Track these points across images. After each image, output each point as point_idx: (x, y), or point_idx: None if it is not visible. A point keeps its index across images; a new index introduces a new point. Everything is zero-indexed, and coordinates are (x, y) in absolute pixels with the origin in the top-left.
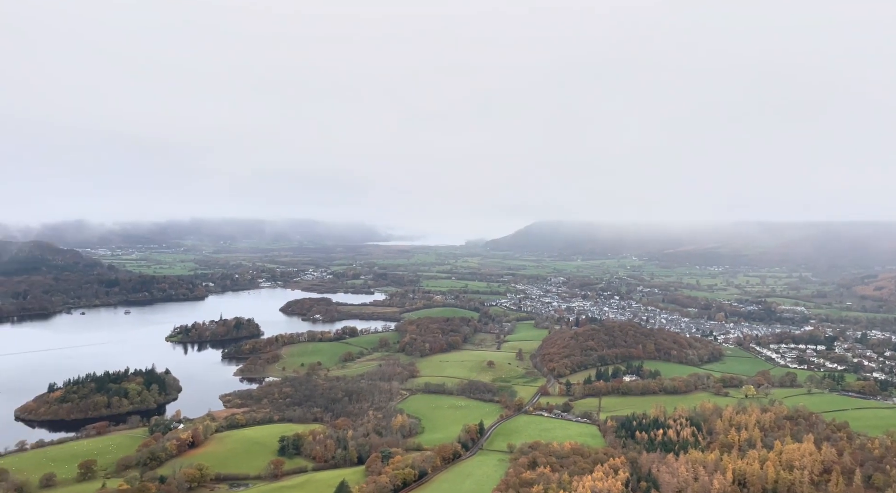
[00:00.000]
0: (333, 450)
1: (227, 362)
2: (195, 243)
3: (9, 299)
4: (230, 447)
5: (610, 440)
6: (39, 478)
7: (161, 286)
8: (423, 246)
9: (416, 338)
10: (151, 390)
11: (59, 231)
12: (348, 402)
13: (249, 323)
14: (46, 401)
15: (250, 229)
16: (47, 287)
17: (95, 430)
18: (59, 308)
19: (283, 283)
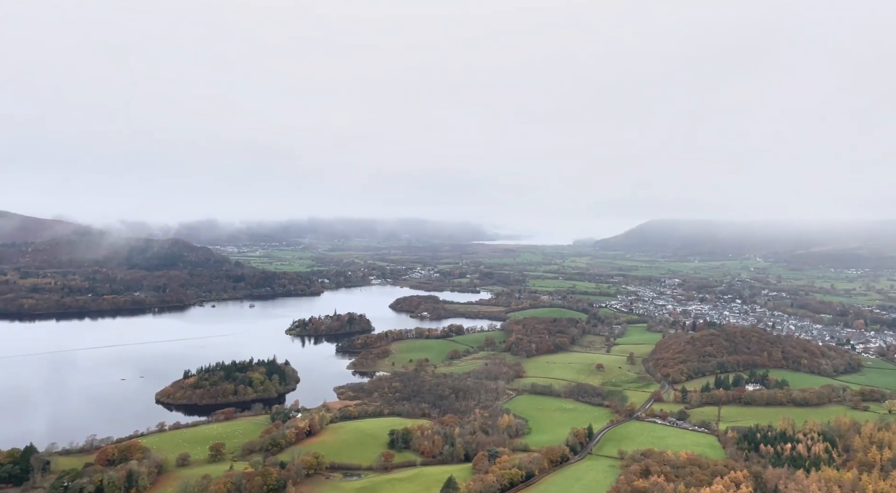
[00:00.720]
0: (441, 446)
1: (341, 355)
2: (312, 242)
3: (151, 291)
4: (343, 437)
5: (731, 452)
6: (176, 457)
7: (281, 282)
8: (529, 245)
9: (523, 338)
10: (273, 380)
11: (193, 230)
12: (455, 399)
13: (361, 319)
14: (182, 387)
15: (363, 229)
16: (183, 281)
17: (224, 415)
18: (193, 301)
19: (392, 280)
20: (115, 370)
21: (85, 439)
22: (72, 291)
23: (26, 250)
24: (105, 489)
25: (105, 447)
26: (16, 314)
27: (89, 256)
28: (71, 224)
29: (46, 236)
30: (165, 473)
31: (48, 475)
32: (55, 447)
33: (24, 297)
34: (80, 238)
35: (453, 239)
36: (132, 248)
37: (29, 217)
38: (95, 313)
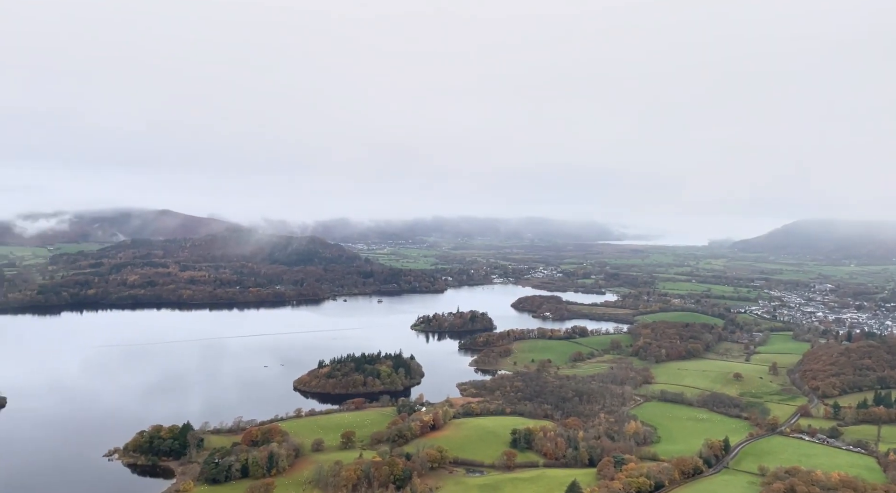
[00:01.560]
0: (564, 449)
1: (463, 352)
2: (437, 240)
3: (290, 285)
4: (466, 433)
5: (892, 476)
6: (311, 442)
7: (407, 279)
8: (659, 246)
9: (651, 342)
10: (399, 374)
11: (328, 228)
12: (578, 402)
13: (483, 317)
14: (316, 376)
15: (486, 227)
16: (318, 276)
17: (354, 405)
18: (327, 295)
19: (514, 279)
20: (258, 358)
21: (233, 420)
22: (223, 283)
23: (185, 245)
24: (250, 468)
25: (249, 428)
26: (176, 303)
27: (237, 251)
28: (223, 222)
29: (202, 233)
30: (302, 456)
31: (202, 451)
32: (208, 425)
33: (183, 288)
34: (231, 235)
35: (578, 239)
36: (274, 244)
37: (189, 216)
38: (242, 304)
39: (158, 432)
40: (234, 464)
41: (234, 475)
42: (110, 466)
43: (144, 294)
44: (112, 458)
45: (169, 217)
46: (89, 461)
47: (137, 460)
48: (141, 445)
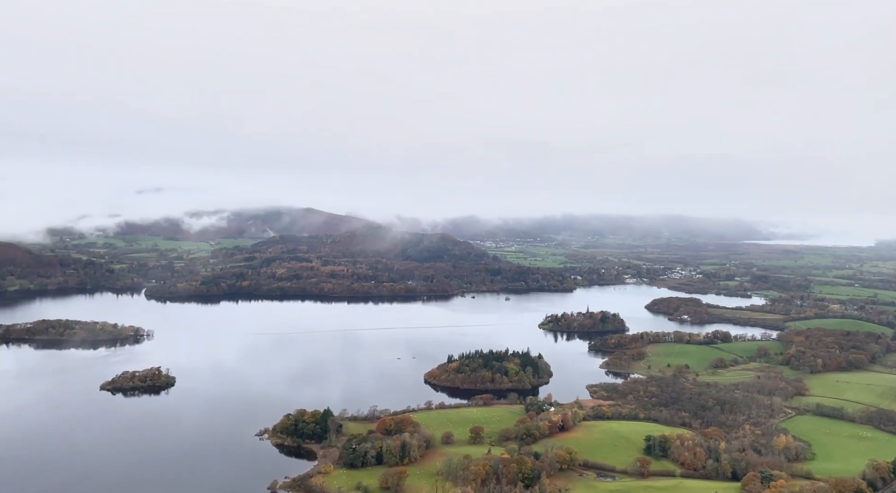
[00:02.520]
0: (703, 459)
1: (593, 353)
2: (566, 238)
3: (421, 281)
4: (596, 436)
5: None
6: (441, 435)
7: (535, 277)
8: (815, 246)
9: (805, 351)
10: (527, 372)
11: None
12: (720, 411)
13: (615, 318)
14: (446, 370)
15: (618, 225)
16: (448, 273)
17: (482, 400)
18: (456, 291)
19: (648, 280)
20: (392, 350)
21: (368, 408)
22: (359, 278)
23: (327, 241)
24: (384, 456)
25: (384, 417)
26: (318, 296)
27: (373, 247)
28: (361, 220)
29: (342, 230)
30: (432, 448)
31: (341, 436)
32: (346, 413)
33: (324, 281)
34: (367, 232)
35: (720, 237)
36: (407, 242)
37: (331, 214)
38: (377, 298)
39: (302, 416)
40: (370, 451)
41: (369, 462)
42: (261, 445)
43: (290, 287)
44: (262, 437)
45: (313, 215)
46: (243, 438)
47: (284, 441)
48: (287, 427)
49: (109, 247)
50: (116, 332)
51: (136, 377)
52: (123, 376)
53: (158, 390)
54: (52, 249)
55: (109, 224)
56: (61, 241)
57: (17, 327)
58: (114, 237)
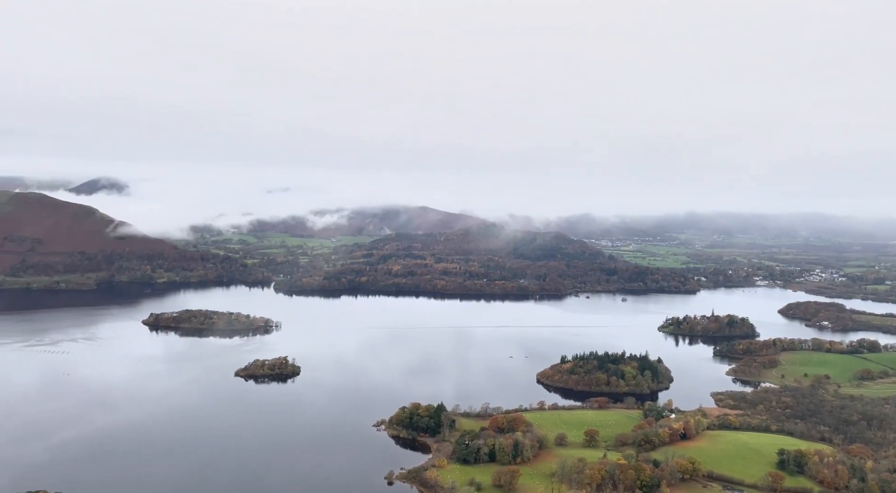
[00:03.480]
0: (846, 479)
1: (719, 359)
2: (689, 237)
3: (533, 280)
4: (722, 447)
5: None
6: (554, 436)
7: (654, 277)
8: None
9: None
10: (645, 376)
11: (571, 224)
12: (866, 427)
13: (743, 322)
14: (559, 370)
15: (749, 224)
16: (561, 272)
17: (597, 403)
18: (569, 291)
19: (782, 283)
20: (503, 348)
21: (480, 405)
22: (471, 275)
23: (440, 239)
24: (496, 453)
25: (496, 415)
26: (432, 292)
27: (484, 245)
28: (473, 218)
29: (455, 228)
30: (545, 448)
31: (454, 431)
32: (458, 408)
33: (437, 278)
34: (480, 230)
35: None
36: (519, 240)
37: (444, 212)
38: (489, 295)
39: (417, 409)
40: (483, 448)
41: (482, 458)
42: (378, 435)
43: (405, 283)
44: (379, 428)
45: (428, 213)
46: (361, 428)
47: (399, 432)
48: (402, 419)
49: (243, 243)
50: (249, 322)
51: (266, 366)
52: (255, 364)
53: (285, 379)
54: (194, 245)
55: (243, 222)
56: (202, 237)
57: (165, 316)
58: (247, 234)
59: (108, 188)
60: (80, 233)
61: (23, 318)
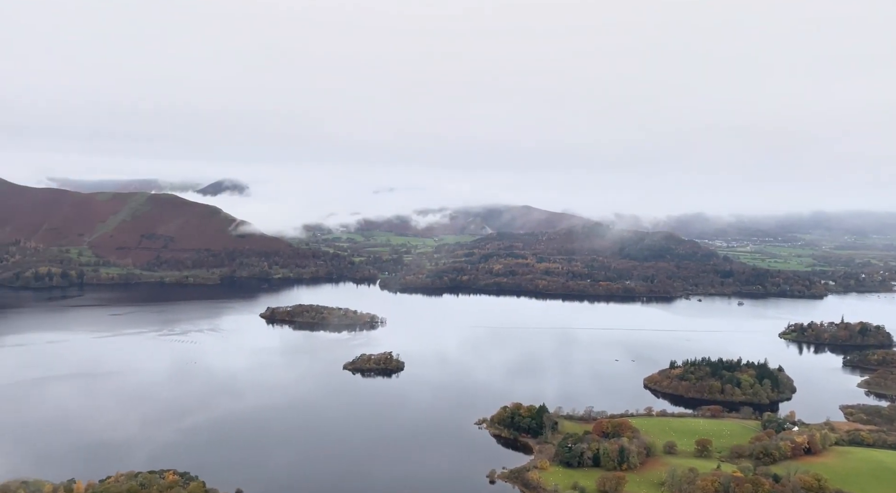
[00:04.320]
0: None
1: (849, 370)
2: (815, 238)
3: (640, 281)
4: (853, 465)
5: None
6: (663, 444)
7: (775, 280)
8: None
9: None
10: (763, 385)
11: (682, 223)
12: None
13: (878, 330)
14: (668, 376)
15: (885, 224)
16: (670, 273)
17: (710, 412)
18: (679, 293)
19: None
20: (608, 351)
21: (584, 408)
22: (574, 276)
23: (542, 238)
24: (601, 458)
25: (600, 419)
26: (533, 292)
27: (588, 245)
28: (576, 217)
29: (558, 227)
30: (653, 456)
31: (556, 433)
32: (561, 410)
33: (539, 278)
34: (584, 230)
35: None
36: (625, 240)
37: (546, 211)
38: (592, 297)
39: (518, 409)
40: (586, 451)
41: (585, 462)
42: (479, 433)
43: (506, 282)
44: (481, 426)
45: (530, 212)
46: (463, 425)
47: (501, 432)
48: (504, 419)
49: (351, 241)
50: (356, 318)
51: (372, 360)
52: (361, 358)
53: (390, 373)
54: (307, 243)
55: (351, 221)
56: (314, 236)
57: (280, 310)
58: (354, 233)
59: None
60: (206, 231)
61: (156, 309)
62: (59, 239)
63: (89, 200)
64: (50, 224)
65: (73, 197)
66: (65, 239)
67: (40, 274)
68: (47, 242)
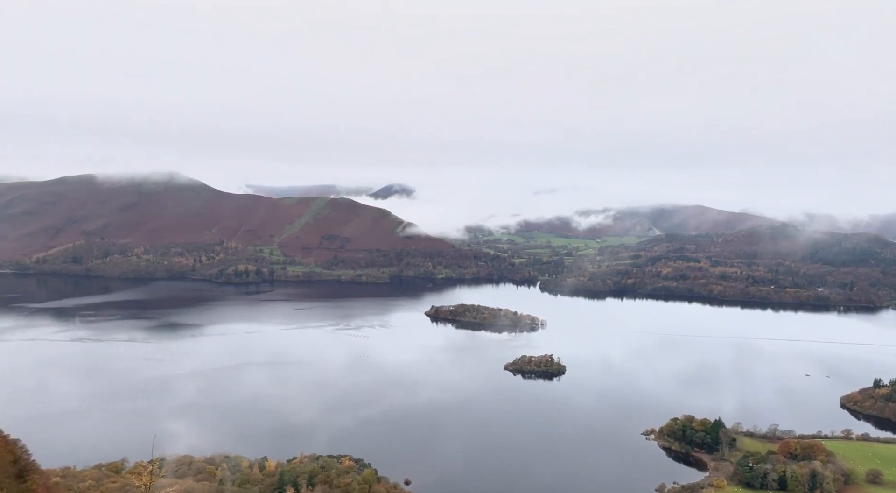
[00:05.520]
0: None
1: None
2: None
3: (835, 288)
4: None
5: None
6: (865, 471)
7: None
8: None
9: None
10: None
11: (890, 224)
12: None
13: None
14: (871, 396)
15: None
16: (874, 280)
17: None
18: (885, 303)
19: None
20: (797, 365)
21: (767, 426)
22: (755, 281)
23: (717, 240)
24: (788, 482)
25: (787, 439)
26: (706, 298)
27: (772, 248)
28: (757, 218)
29: (735, 229)
30: (853, 485)
31: (734, 451)
32: (740, 426)
33: (714, 283)
34: (766, 232)
35: None
36: (817, 242)
37: (722, 211)
38: (777, 304)
39: (690, 422)
40: (771, 473)
41: (769, 485)
42: (647, 444)
43: (676, 287)
44: (648, 437)
45: (704, 213)
46: (629, 434)
47: (671, 445)
48: (674, 431)
49: (511, 243)
50: (516, 319)
51: (533, 362)
52: (522, 359)
53: (551, 376)
54: (468, 244)
55: (511, 223)
56: (475, 237)
57: (444, 309)
58: (514, 234)
59: (399, 193)
60: (377, 233)
61: (334, 305)
62: (254, 239)
63: (279, 204)
64: (247, 226)
65: (266, 202)
66: (259, 239)
67: (239, 271)
68: (245, 242)
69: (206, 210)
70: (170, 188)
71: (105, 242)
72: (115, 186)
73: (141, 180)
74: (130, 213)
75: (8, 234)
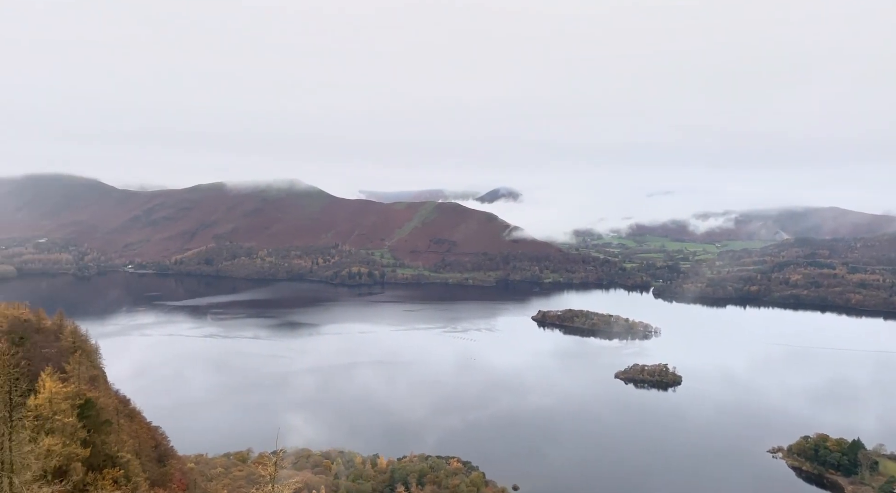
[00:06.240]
0: None
1: None
2: None
3: None
4: None
5: None
6: None
7: None
8: None
9: None
10: None
11: None
12: None
13: None
14: None
15: None
16: None
17: None
18: None
19: None
20: None
21: None
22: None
23: (855, 245)
24: None
25: None
26: (842, 307)
27: None
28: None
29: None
30: None
31: (875, 475)
32: (883, 448)
33: (851, 291)
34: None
35: None
36: None
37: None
38: None
39: (824, 441)
40: None
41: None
42: (773, 462)
43: (807, 295)
44: (776, 455)
45: (839, 215)
46: (753, 451)
47: (802, 464)
48: (805, 450)
49: (622, 247)
50: (628, 326)
51: (646, 371)
52: (634, 367)
53: (665, 387)
54: (576, 248)
55: (622, 226)
56: (583, 241)
57: (551, 314)
58: (625, 238)
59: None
60: (483, 236)
61: (441, 307)
62: (366, 243)
63: (389, 209)
64: (360, 230)
65: (377, 207)
66: (370, 243)
67: (353, 273)
68: (357, 245)
69: (323, 215)
70: (290, 194)
71: (233, 246)
72: (242, 193)
73: (265, 187)
74: (255, 218)
75: (151, 237)
